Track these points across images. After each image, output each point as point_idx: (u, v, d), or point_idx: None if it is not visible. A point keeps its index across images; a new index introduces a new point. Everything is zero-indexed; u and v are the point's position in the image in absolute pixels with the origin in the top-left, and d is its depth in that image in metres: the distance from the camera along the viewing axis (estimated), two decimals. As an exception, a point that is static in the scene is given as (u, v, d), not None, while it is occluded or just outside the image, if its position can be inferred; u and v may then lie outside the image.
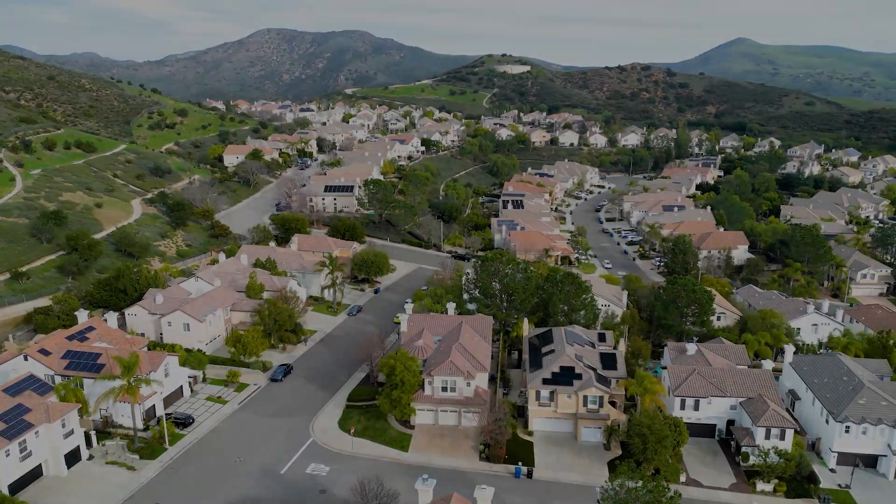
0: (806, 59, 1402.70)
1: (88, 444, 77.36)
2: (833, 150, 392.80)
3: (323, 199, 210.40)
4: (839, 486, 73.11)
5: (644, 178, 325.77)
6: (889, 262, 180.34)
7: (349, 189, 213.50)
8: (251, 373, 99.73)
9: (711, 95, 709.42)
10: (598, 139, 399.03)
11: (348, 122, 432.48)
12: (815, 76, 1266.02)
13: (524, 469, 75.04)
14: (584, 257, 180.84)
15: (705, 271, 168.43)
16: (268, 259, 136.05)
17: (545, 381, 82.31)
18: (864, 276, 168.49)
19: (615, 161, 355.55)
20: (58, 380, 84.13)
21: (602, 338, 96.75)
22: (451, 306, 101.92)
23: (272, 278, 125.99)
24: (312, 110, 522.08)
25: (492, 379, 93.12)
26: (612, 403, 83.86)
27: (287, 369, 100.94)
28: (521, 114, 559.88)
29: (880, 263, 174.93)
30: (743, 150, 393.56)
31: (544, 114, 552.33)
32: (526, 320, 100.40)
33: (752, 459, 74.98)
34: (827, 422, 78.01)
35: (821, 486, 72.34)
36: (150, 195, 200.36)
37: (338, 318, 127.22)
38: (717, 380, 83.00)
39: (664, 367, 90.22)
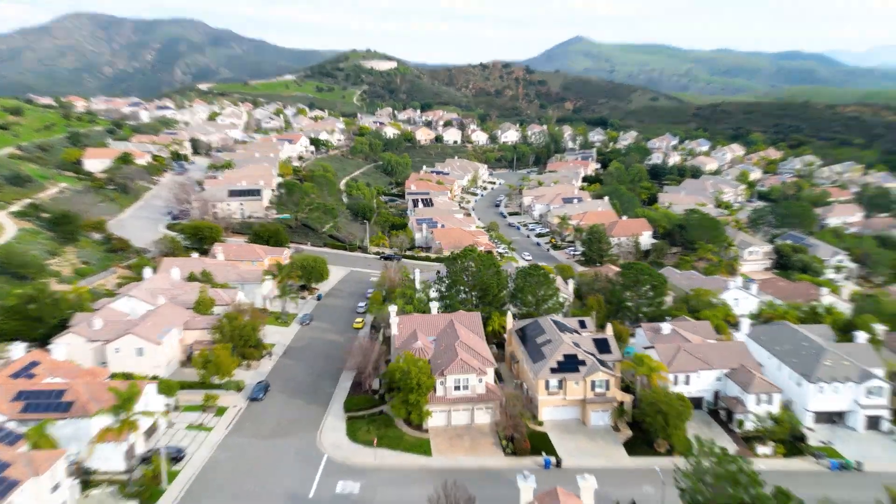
0: (638, 57, 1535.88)
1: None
2: (686, 141, 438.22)
3: (228, 204, 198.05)
4: (822, 442, 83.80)
5: (528, 172, 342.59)
6: (768, 239, 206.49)
7: (256, 193, 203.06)
8: (227, 394, 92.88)
9: (568, 92, 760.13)
10: (479, 136, 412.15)
11: (215, 121, 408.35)
12: (647, 73, 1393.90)
13: (552, 459, 77.75)
14: (506, 251, 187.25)
15: (618, 257, 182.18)
16: (203, 272, 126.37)
17: (553, 371, 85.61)
18: (751, 253, 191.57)
19: (499, 157, 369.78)
20: (12, 425, 72.83)
21: (583, 324, 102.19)
22: (434, 305, 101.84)
23: (218, 291, 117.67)
24: (170, 108, 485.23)
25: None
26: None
27: (265, 386, 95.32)
28: (395, 111, 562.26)
29: (761, 241, 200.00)
30: (610, 143, 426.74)
31: (418, 111, 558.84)
32: (510, 314, 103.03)
33: (749, 426, 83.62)
34: (799, 384, 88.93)
35: (809, 444, 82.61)
36: (16, 207, 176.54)
37: (290, 328, 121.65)
38: (702, 354, 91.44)
39: (647, 348, 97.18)
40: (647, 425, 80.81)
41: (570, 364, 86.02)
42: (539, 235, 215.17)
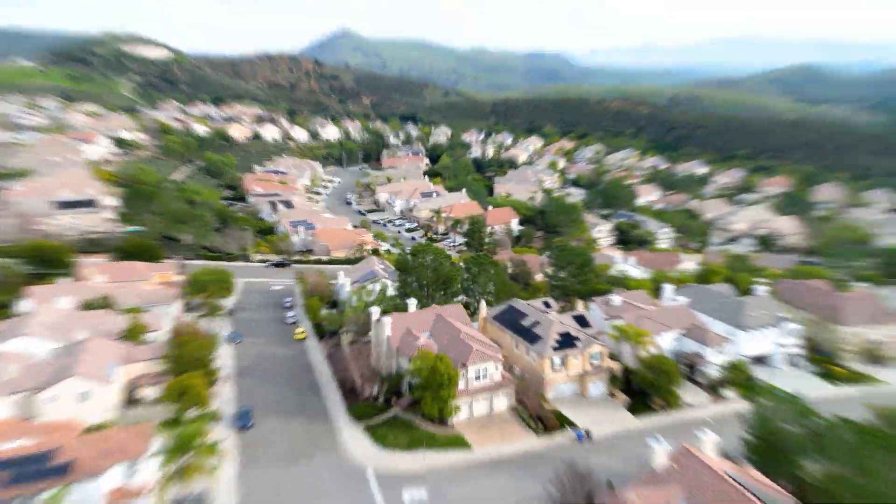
0: (406, 53, 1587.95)
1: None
2: (493, 135, 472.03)
3: (57, 219, 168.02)
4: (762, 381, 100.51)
5: (361, 169, 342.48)
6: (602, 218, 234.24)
7: (89, 204, 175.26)
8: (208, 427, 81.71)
9: (362, 87, 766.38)
10: (299, 133, 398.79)
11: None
12: (418, 69, 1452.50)
13: (584, 432, 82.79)
14: (393, 248, 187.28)
15: (496, 244, 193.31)
16: (102, 297, 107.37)
17: (554, 349, 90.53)
18: (598, 231, 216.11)
19: (326, 155, 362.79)
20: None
21: (547, 305, 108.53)
22: (412, 302, 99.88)
23: (133, 317, 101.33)
24: None
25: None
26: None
27: (248, 411, 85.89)
28: (183, 106, 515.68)
29: (604, 220, 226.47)
30: (428, 138, 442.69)
31: (212, 106, 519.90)
32: (483, 302, 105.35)
33: (715, 375, 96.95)
34: (731, 335, 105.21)
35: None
36: None
37: (222, 349, 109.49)
38: (660, 318, 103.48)
39: (610, 319, 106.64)
40: (646, 387, 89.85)
41: (567, 341, 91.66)
42: (410, 231, 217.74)
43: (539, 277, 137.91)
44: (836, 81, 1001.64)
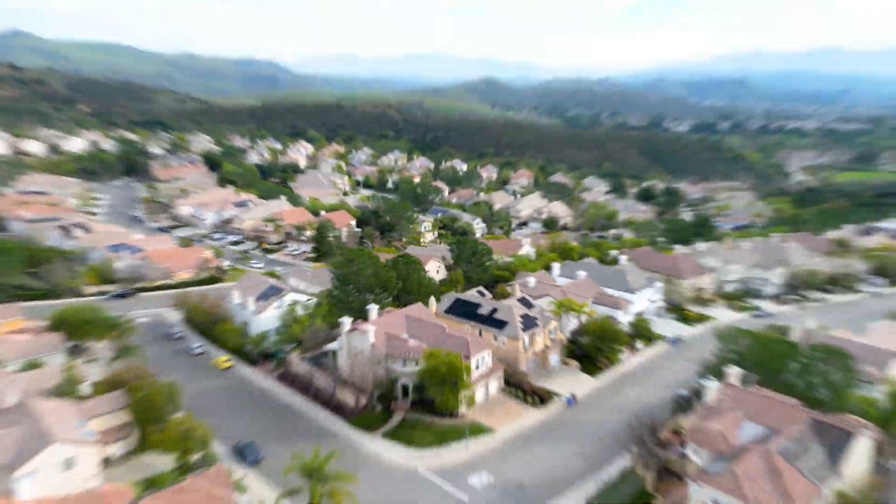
0: (100, 57, 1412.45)
1: None
2: (258, 140, 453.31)
3: None
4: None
5: (132, 182, 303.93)
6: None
7: None
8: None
9: (78, 93, 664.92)
10: (32, 146, 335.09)
11: None
12: (123, 73, 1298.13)
13: (571, 397, 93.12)
14: (237, 264, 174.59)
15: (345, 243, 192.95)
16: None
17: (523, 330, 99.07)
18: (426, 227, 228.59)
19: (78, 169, 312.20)
20: None
21: (482, 293, 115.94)
22: (373, 307, 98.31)
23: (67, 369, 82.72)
24: None
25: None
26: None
27: (250, 443, 78.13)
28: None
29: (421, 215, 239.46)
30: (187, 146, 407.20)
31: None
32: (432, 298, 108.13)
33: (627, 332, 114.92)
34: (622, 296, 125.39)
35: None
36: None
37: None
38: (577, 292, 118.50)
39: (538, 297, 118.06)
40: (591, 350, 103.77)
41: (529, 322, 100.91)
42: (235, 244, 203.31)
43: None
44: (511, 91, 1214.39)
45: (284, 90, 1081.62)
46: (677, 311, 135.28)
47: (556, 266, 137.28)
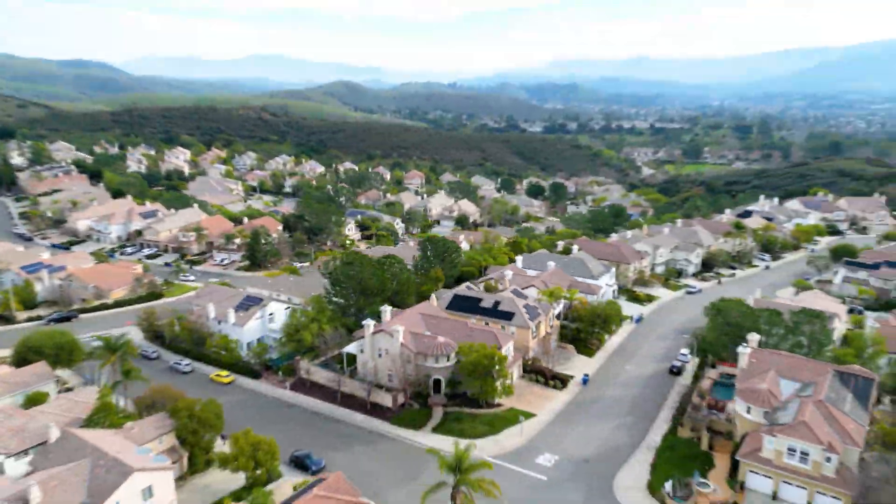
0: None
1: None
2: (130, 148, 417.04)
3: None
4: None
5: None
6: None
7: None
8: (284, 482, 70.31)
9: None
10: None
11: None
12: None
13: (586, 376, 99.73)
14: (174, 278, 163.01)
15: (279, 250, 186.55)
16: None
17: (530, 319, 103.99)
18: (349, 229, 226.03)
19: None
20: None
21: (469, 288, 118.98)
22: (386, 308, 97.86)
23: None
24: None
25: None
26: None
27: (308, 454, 76.03)
28: None
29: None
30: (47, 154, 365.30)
31: None
32: (433, 296, 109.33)
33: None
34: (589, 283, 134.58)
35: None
36: None
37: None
38: (550, 281, 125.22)
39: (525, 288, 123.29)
40: (586, 334, 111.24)
41: (532, 311, 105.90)
42: (152, 256, 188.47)
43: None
44: (368, 95, 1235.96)
45: (130, 94, 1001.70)
46: (628, 293, 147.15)
47: (519, 259, 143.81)
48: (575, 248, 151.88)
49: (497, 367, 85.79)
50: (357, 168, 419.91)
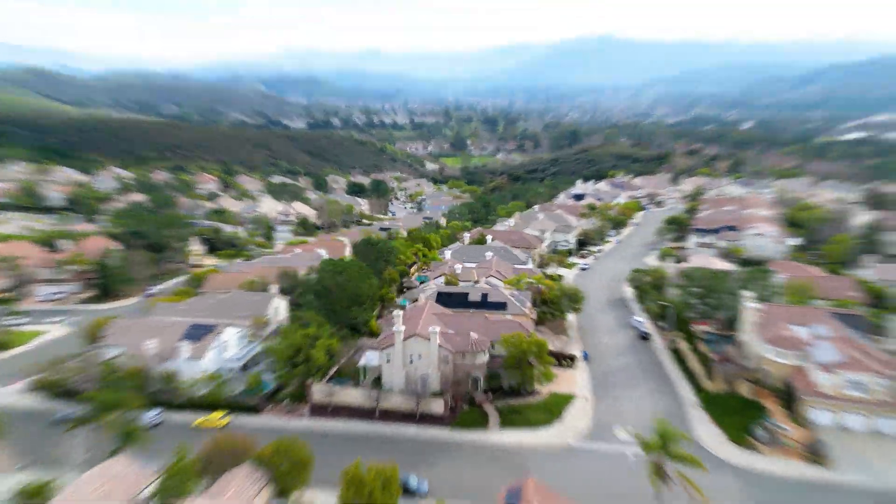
0: None
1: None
2: None
3: None
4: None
5: None
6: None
7: None
8: None
9: None
10: None
11: None
12: None
13: (586, 352, 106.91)
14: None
15: (128, 272, 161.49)
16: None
17: (522, 306, 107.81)
18: (191, 244, 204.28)
19: None
20: None
21: (422, 282, 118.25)
22: (398, 313, 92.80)
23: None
24: None
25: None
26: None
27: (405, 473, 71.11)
28: None
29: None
30: None
31: None
32: (422, 296, 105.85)
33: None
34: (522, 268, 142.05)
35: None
36: None
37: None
38: (500, 270, 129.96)
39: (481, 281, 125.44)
40: (558, 313, 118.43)
41: (518, 299, 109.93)
42: None
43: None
44: (70, 85, 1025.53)
45: None
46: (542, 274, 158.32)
47: (448, 252, 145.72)
48: (489, 238, 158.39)
49: (539, 356, 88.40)
50: (134, 174, 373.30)
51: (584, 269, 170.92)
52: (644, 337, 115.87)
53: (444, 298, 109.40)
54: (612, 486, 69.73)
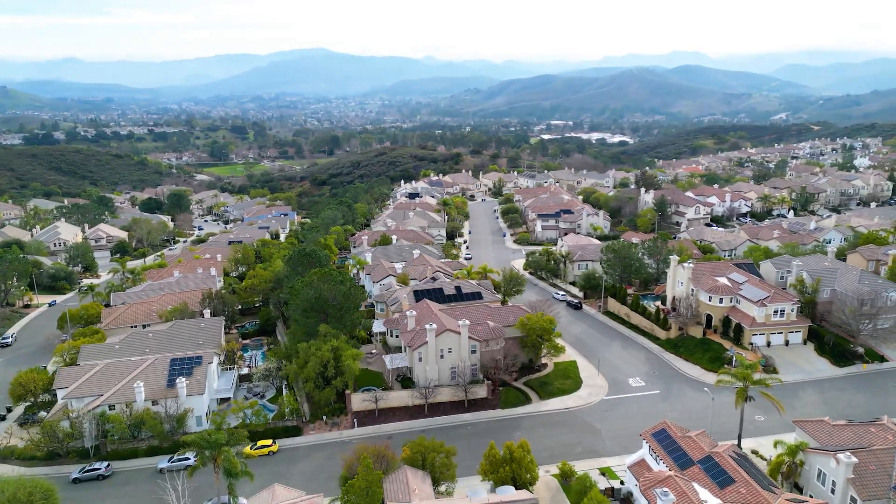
0: None
1: None
2: None
3: None
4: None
5: None
6: None
7: None
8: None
9: None
10: None
11: None
12: None
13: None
14: None
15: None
16: None
17: (495, 293, 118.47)
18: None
19: None
20: None
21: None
22: (410, 313, 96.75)
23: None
24: None
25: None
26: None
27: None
28: None
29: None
30: None
31: None
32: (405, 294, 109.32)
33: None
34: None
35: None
36: None
37: None
38: (442, 265, 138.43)
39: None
40: (510, 294, 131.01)
41: (487, 287, 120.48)
42: None
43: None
44: None
45: None
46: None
47: (368, 255, 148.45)
48: (394, 237, 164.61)
49: (549, 333, 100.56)
50: None
51: (468, 259, 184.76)
52: (577, 307, 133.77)
53: (422, 296, 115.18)
54: (671, 415, 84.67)
